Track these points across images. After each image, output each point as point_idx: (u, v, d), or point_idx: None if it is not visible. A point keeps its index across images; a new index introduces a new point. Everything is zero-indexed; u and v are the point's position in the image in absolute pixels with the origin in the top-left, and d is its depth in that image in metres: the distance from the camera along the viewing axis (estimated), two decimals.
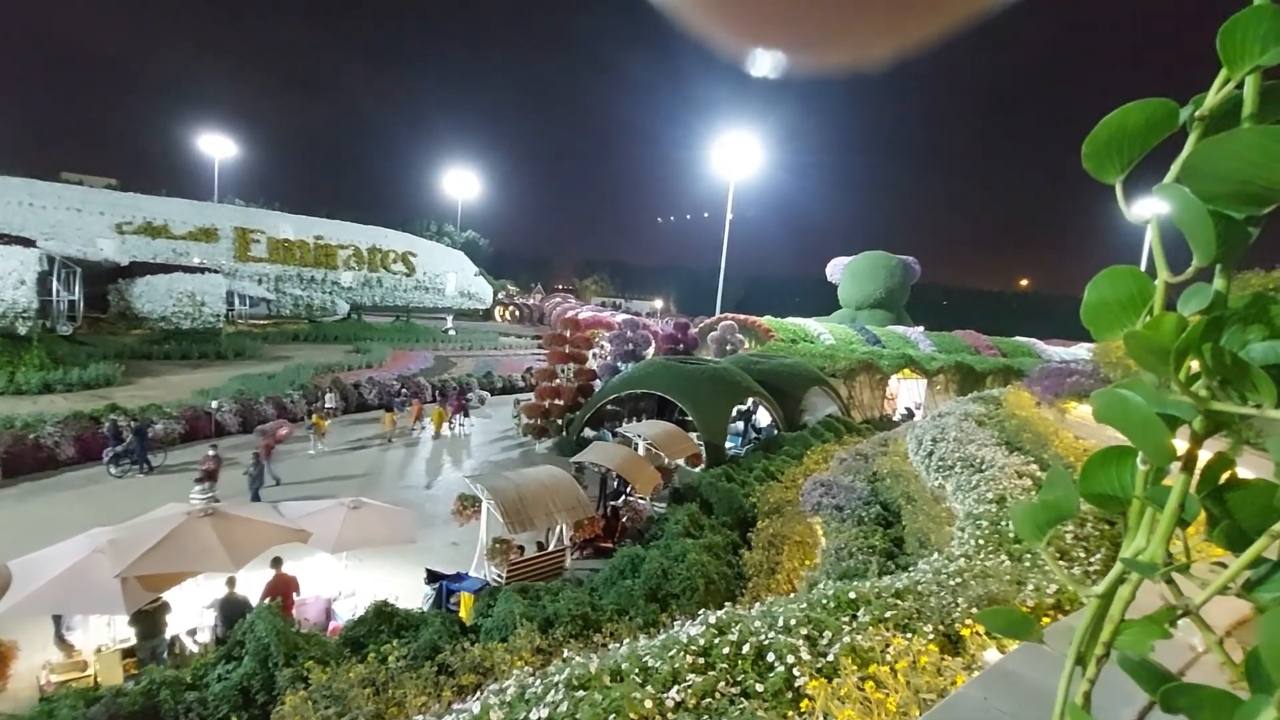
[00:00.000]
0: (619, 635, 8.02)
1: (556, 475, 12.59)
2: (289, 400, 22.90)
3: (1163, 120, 0.51)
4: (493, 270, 71.57)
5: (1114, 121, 0.51)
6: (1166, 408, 0.50)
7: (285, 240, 44.29)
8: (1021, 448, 10.75)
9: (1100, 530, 7.19)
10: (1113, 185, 0.55)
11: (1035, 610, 5.31)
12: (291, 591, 9.78)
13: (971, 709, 2.84)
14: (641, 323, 37.77)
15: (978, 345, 36.50)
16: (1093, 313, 0.55)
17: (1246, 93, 0.47)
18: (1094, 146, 0.52)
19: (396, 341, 42.39)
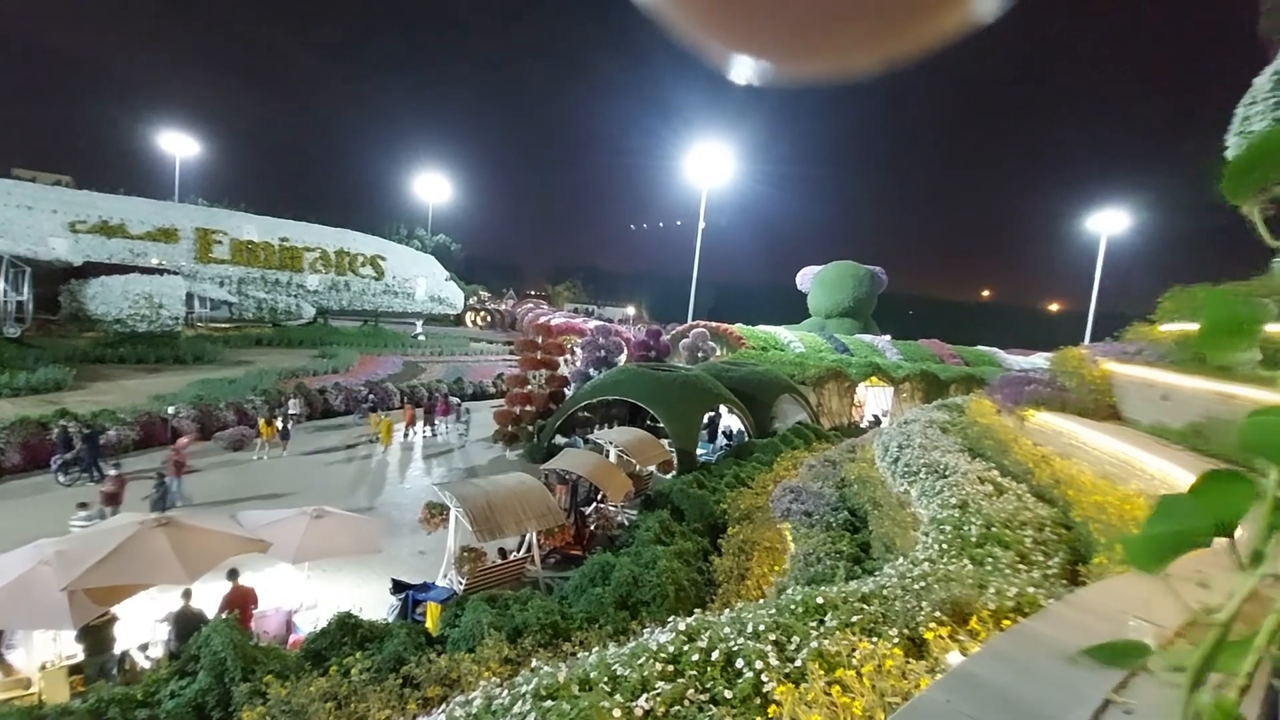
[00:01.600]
0: (588, 643, 7.95)
1: (526, 482, 12.47)
2: (250, 406, 22.29)
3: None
4: (464, 275, 70.83)
5: (1262, 144, 0.50)
6: None
7: (249, 242, 43.18)
8: (983, 454, 11.01)
9: (1058, 535, 7.40)
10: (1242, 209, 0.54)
11: (996, 613, 5.42)
12: (250, 604, 9.48)
13: (934, 711, 2.89)
14: (614, 329, 37.75)
15: (942, 354, 37.34)
16: (1210, 335, 0.54)
17: None
18: (1238, 168, 0.52)
19: (364, 346, 41.61)
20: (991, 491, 8.63)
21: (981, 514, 7.76)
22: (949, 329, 46.81)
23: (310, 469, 18.73)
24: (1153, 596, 4.59)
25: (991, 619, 5.32)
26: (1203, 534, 0.54)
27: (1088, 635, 4.08)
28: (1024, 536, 7.14)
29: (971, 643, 4.88)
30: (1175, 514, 0.56)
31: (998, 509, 7.89)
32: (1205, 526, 0.54)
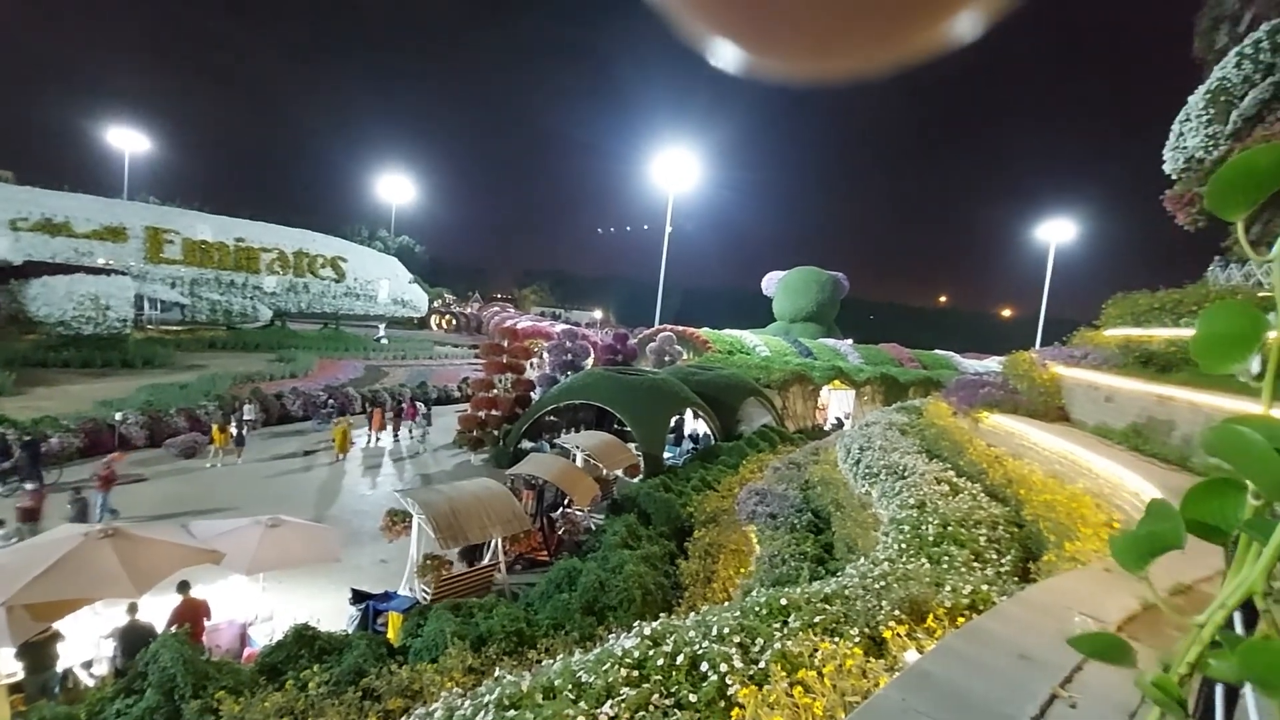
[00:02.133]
0: (554, 651, 7.90)
1: (491, 487, 12.34)
2: (203, 412, 21.54)
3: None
4: (428, 278, 69.70)
5: (1244, 161, 0.52)
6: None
7: (203, 241, 41.76)
8: (940, 455, 11.32)
9: (1010, 533, 7.65)
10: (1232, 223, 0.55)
11: (952, 610, 5.58)
12: (201, 617, 9.15)
13: (891, 710, 2.96)
14: (580, 333, 37.65)
15: (901, 358, 38.28)
16: (1205, 346, 0.54)
17: None
18: (1221, 184, 0.53)
19: (324, 350, 40.59)
20: (948, 492, 8.88)
21: (938, 514, 7.98)
22: (908, 333, 48.06)
23: (266, 476, 18.19)
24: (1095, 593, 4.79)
25: (947, 616, 5.48)
26: (1174, 537, 0.57)
27: (1037, 631, 4.23)
28: (978, 535, 7.37)
29: (928, 640, 5.02)
30: (1159, 517, 0.59)
31: (954, 508, 8.12)
32: (1177, 530, 0.57)
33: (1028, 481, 8.67)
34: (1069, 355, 12.49)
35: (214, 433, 19.26)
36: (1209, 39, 13.39)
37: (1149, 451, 8.48)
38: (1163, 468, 7.86)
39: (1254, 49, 11.06)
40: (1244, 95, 11.01)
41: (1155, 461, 8.12)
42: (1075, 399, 11.75)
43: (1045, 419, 11.79)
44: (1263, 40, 11.00)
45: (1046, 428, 10.84)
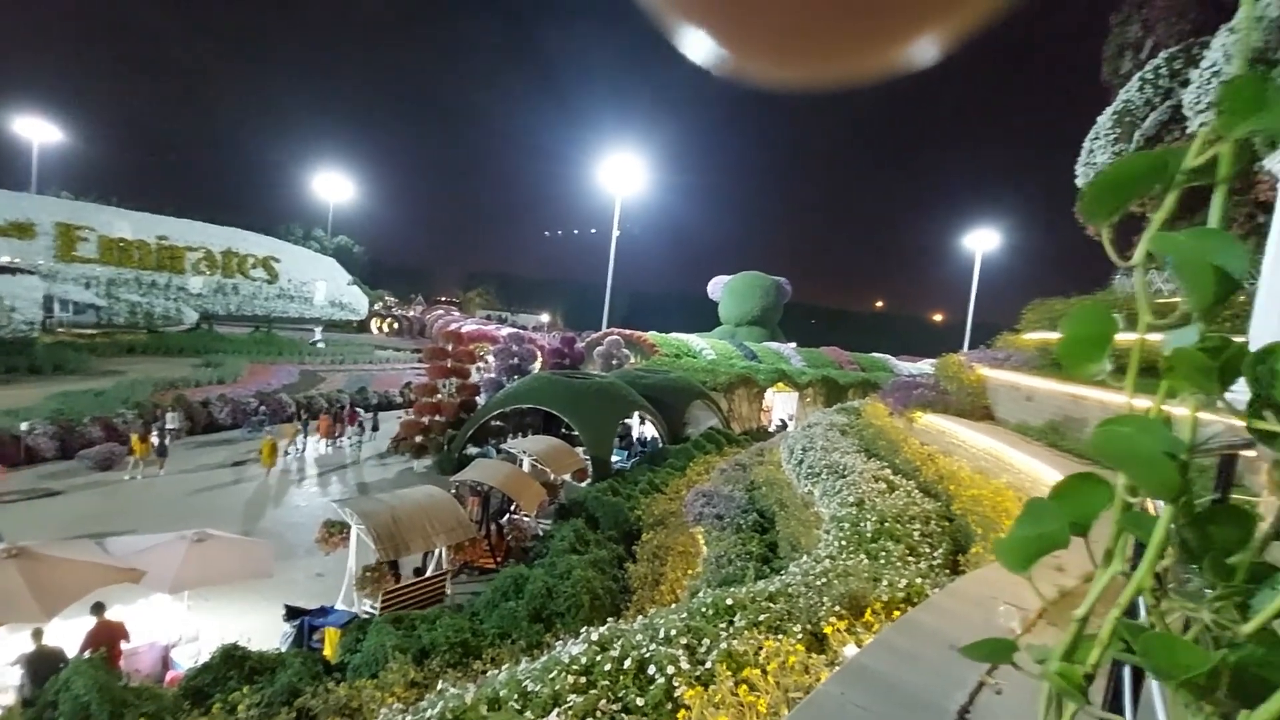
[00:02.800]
0: (500, 660, 7.79)
1: (435, 495, 12.05)
2: (121, 421, 20.19)
3: (1158, 171, 0.54)
4: (369, 280, 67.45)
5: (1117, 169, 0.54)
6: (1165, 445, 0.51)
7: (121, 240, 39.22)
8: (878, 454, 11.75)
9: (942, 527, 8.02)
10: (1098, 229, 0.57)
11: (889, 604, 5.80)
12: (118, 640, 8.56)
13: (830, 705, 3.06)
14: (527, 336, 37.25)
15: (841, 361, 39.52)
16: (1069, 347, 0.57)
17: (1224, 154, 0.51)
18: (1094, 191, 0.55)
19: (255, 354, 38.73)
20: (885, 489, 9.23)
21: (876, 510, 8.28)
22: (847, 337, 49.71)
23: (192, 489, 17.20)
24: (1018, 582, 5.09)
25: (884, 610, 5.70)
26: (1061, 537, 0.58)
27: (965, 622, 4.45)
28: (913, 530, 7.69)
29: (866, 634, 5.20)
30: (1039, 517, 0.59)
31: (890, 505, 8.44)
32: (1062, 530, 0.58)
33: (957, 477, 9.11)
34: (993, 358, 13.21)
35: (133, 443, 18.09)
36: (1115, 64, 14.45)
37: (1065, 447, 9.06)
38: (1077, 462, 8.41)
39: (1154, 74, 12.01)
40: (1146, 117, 11.92)
41: (1070, 456, 8.68)
42: (999, 398, 12.43)
43: (973, 418, 12.42)
44: (1162, 67, 11.95)
45: (974, 426, 11.42)
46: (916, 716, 3.08)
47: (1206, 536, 0.54)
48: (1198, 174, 0.53)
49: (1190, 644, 0.52)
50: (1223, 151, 0.51)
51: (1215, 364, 0.49)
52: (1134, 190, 0.55)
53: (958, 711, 3.09)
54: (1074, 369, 0.57)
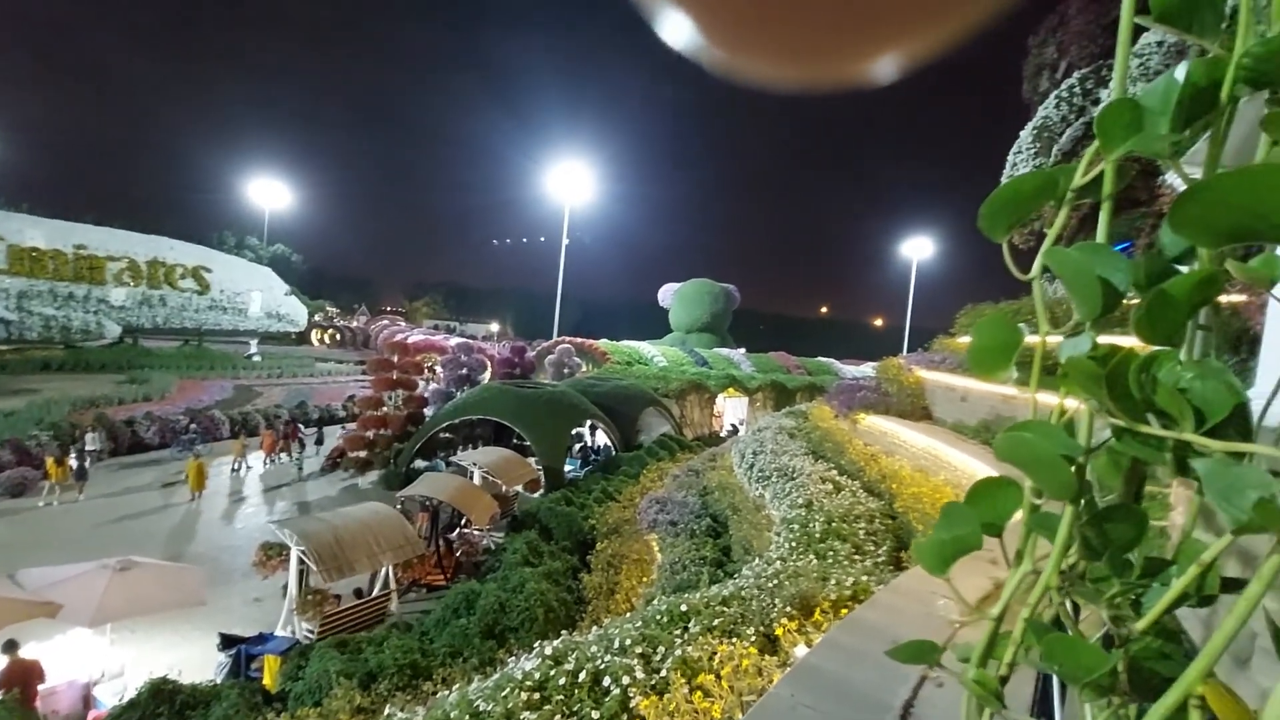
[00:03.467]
0: (452, 680, 7.59)
1: (380, 512, 11.68)
2: (35, 443, 18.80)
3: (1048, 188, 0.57)
4: (309, 290, 65.09)
5: (1011, 187, 0.57)
6: (1063, 448, 0.53)
7: (33, 249, 36.68)
8: (824, 455, 12.06)
9: (886, 525, 8.28)
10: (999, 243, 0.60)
11: (837, 603, 5.94)
12: (34, 680, 7.96)
13: (781, 708, 3.12)
14: (477, 346, 36.64)
15: (789, 365, 40.39)
16: (978, 355, 0.59)
17: (1107, 172, 0.54)
18: (991, 207, 0.58)
19: (185, 369, 36.73)
20: (832, 490, 9.47)
21: (824, 511, 8.48)
22: (794, 342, 50.86)
23: (115, 514, 16.14)
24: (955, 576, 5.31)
25: (832, 609, 5.84)
26: (974, 540, 0.60)
27: (908, 617, 4.61)
28: (859, 529, 7.91)
29: (816, 634, 5.32)
30: (957, 521, 0.61)
31: (837, 505, 8.67)
32: (975, 533, 0.59)
33: (899, 476, 9.43)
34: (930, 360, 13.77)
35: (49, 466, 16.86)
36: (1034, 83, 15.38)
37: None
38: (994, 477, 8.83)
39: (1069, 93, 12.84)
40: (1062, 132, 12.72)
41: None
42: (936, 399, 12.95)
43: (912, 418, 12.89)
44: (1075, 86, 12.79)
45: (913, 426, 11.86)
46: (863, 714, 3.16)
47: (1105, 535, 0.56)
48: (1085, 191, 0.56)
49: (1090, 644, 0.53)
50: (1106, 170, 0.54)
51: (1102, 371, 0.52)
52: (1028, 206, 0.58)
53: (902, 706, 3.19)
54: (984, 375, 0.59)
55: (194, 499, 17.56)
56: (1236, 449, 0.46)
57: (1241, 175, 0.41)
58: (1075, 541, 0.57)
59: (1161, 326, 0.51)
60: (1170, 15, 0.50)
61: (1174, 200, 0.44)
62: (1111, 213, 0.58)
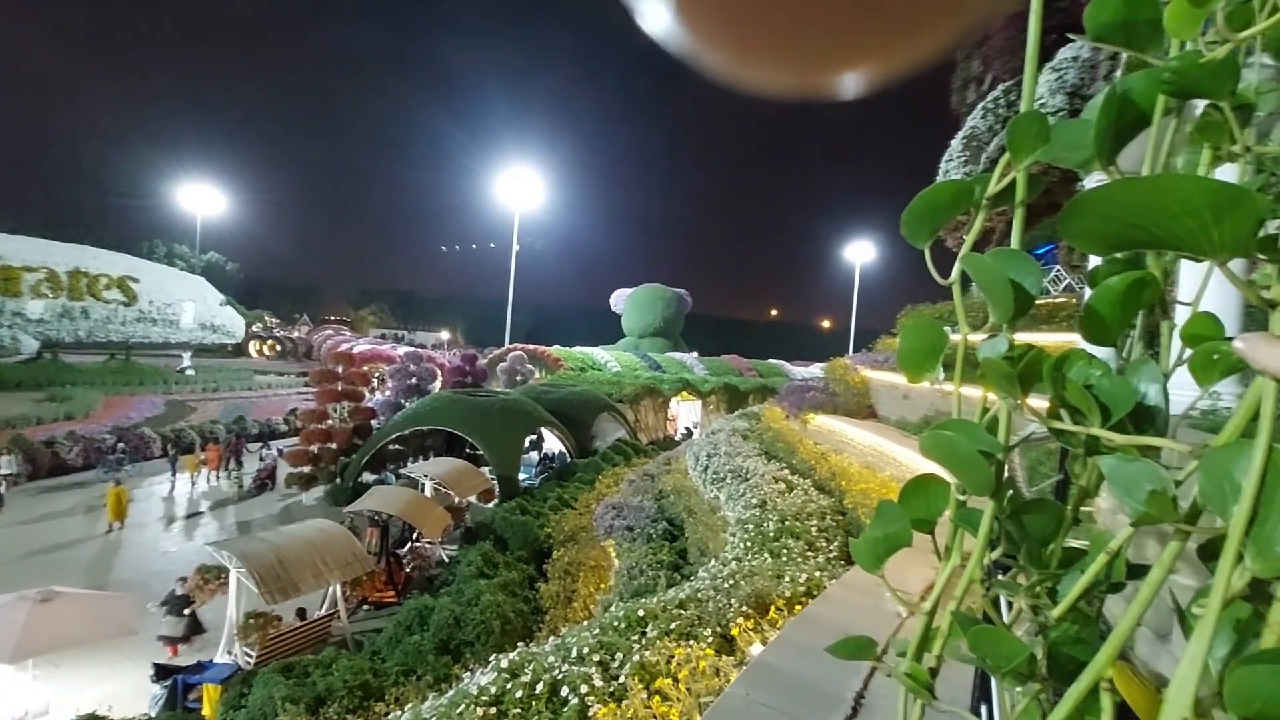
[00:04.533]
0: (405, 699, 7.39)
1: (325, 529, 11.29)
2: None
3: (964, 196, 0.59)
4: (246, 300, 62.27)
5: (928, 196, 0.59)
6: (982, 445, 0.55)
7: None
8: (777, 455, 12.29)
9: (836, 521, 8.50)
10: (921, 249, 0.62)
11: (791, 599, 6.06)
12: None
13: (736, 707, 3.16)
14: (426, 355, 35.86)
15: (740, 368, 41.01)
16: (906, 357, 0.61)
17: (1019, 181, 0.57)
18: (911, 215, 0.59)
19: (110, 385, 34.61)
20: (784, 489, 9.65)
21: (777, 510, 8.64)
22: (745, 344, 51.67)
23: (34, 541, 15.06)
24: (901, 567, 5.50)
25: (787, 606, 5.95)
26: (905, 537, 0.61)
27: (857, 610, 4.74)
28: (810, 526, 8.09)
29: (771, 631, 5.41)
30: (889, 519, 0.62)
31: (789, 504, 8.84)
32: (905, 530, 0.61)
33: (847, 474, 9.70)
34: (874, 360, 14.22)
35: None
36: (962, 95, 16.15)
37: None
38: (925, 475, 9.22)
39: (994, 104, 13.55)
40: (989, 141, 13.40)
41: None
42: (880, 398, 13.38)
43: (859, 416, 13.29)
44: (1000, 98, 13.50)
45: (860, 424, 12.22)
46: (817, 708, 3.24)
47: (1023, 527, 0.58)
48: (999, 199, 0.59)
49: (1010, 634, 0.55)
50: (1018, 179, 0.57)
51: (1015, 371, 0.54)
52: (945, 213, 0.60)
53: (853, 698, 3.29)
54: (912, 376, 0.62)
55: (111, 530, 15.94)
56: (1135, 443, 0.49)
57: (1121, 188, 0.43)
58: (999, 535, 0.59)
59: (1100, 327, 0.53)
60: (1106, 33, 0.53)
61: (1063, 211, 0.46)
62: (1025, 219, 0.61)
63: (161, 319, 43.76)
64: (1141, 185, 0.42)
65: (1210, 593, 0.40)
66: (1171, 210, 0.40)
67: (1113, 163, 0.54)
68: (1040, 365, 0.55)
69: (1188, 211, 0.39)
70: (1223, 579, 0.40)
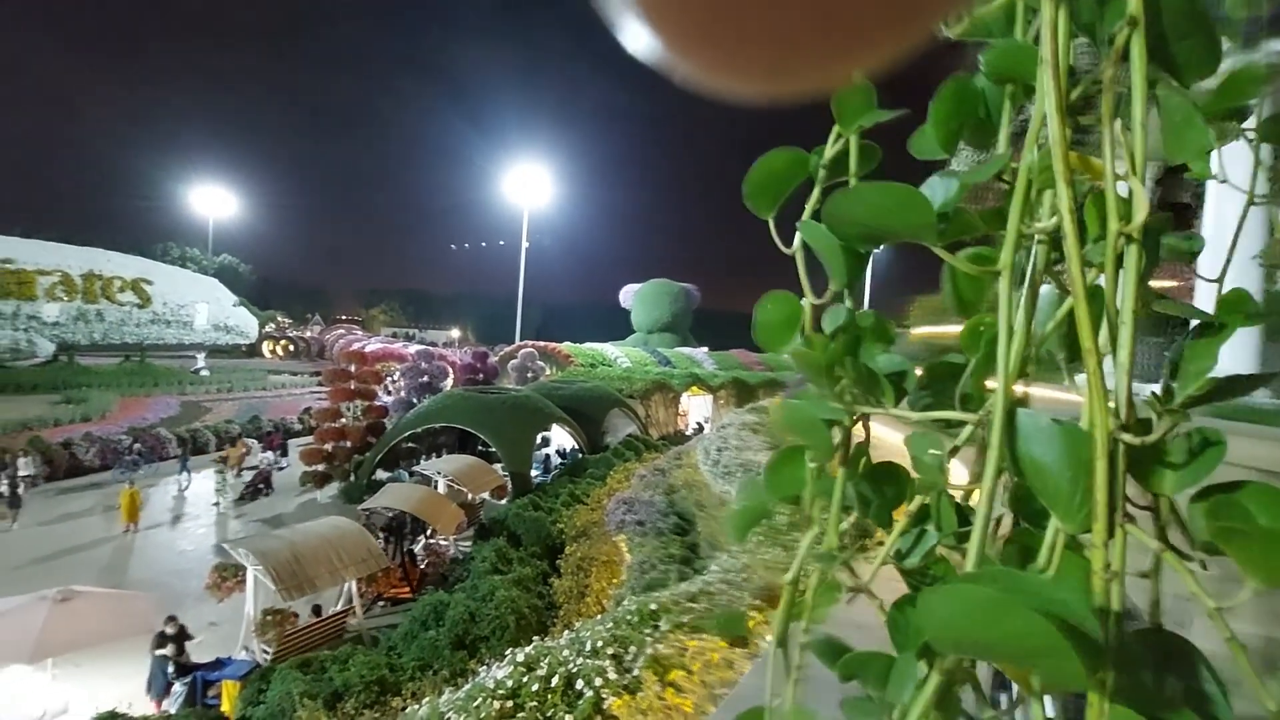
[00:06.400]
0: (422, 694, 7.43)
1: (341, 526, 11.38)
2: None
3: (800, 165, 0.59)
4: (259, 300, 62.90)
5: (764, 165, 0.58)
6: (828, 414, 0.56)
7: None
8: None
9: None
10: (767, 220, 0.60)
11: None
12: None
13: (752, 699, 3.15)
14: (437, 353, 36.03)
15: (749, 362, 40.87)
16: (762, 331, 0.61)
17: (851, 149, 0.58)
18: (751, 186, 0.59)
19: (126, 387, 35.07)
20: None
21: None
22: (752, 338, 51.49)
23: (53, 542, 15.30)
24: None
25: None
26: (763, 509, 0.62)
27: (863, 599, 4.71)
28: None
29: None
30: (751, 493, 0.63)
31: None
32: (765, 503, 0.62)
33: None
34: None
35: None
36: None
37: None
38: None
39: None
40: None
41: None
42: None
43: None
44: None
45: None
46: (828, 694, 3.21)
47: (875, 492, 0.58)
48: (835, 168, 0.60)
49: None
50: (851, 147, 0.58)
51: (823, 359, 0.55)
52: (783, 182, 0.60)
53: None
54: (770, 348, 0.61)
55: (128, 531, 15.99)
56: (926, 418, 0.53)
57: (844, 197, 0.48)
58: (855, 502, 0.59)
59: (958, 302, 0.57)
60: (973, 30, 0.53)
61: (824, 207, 0.50)
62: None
63: (176, 321, 44.29)
64: (852, 194, 0.48)
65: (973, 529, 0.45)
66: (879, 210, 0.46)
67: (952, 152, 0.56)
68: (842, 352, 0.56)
69: (885, 212, 0.46)
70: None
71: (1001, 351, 0.47)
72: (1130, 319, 0.42)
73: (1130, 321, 0.43)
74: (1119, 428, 0.41)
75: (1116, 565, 0.40)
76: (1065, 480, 0.41)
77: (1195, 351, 0.45)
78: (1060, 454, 0.42)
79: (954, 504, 0.54)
